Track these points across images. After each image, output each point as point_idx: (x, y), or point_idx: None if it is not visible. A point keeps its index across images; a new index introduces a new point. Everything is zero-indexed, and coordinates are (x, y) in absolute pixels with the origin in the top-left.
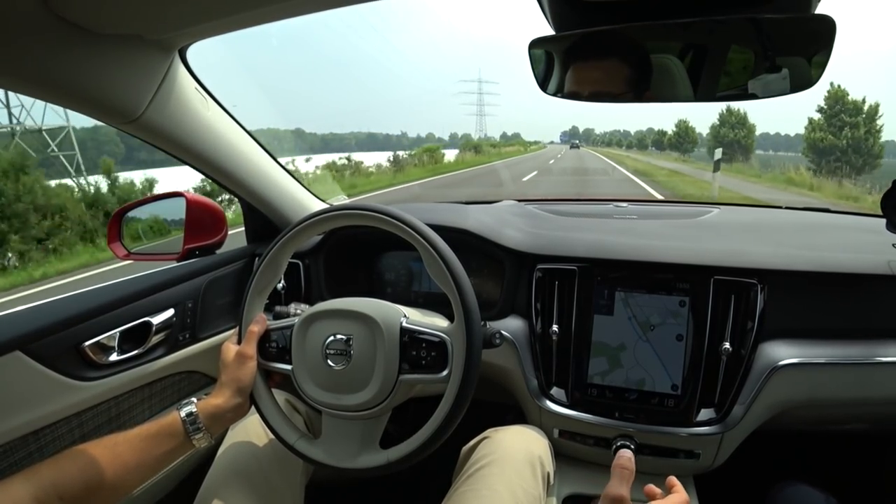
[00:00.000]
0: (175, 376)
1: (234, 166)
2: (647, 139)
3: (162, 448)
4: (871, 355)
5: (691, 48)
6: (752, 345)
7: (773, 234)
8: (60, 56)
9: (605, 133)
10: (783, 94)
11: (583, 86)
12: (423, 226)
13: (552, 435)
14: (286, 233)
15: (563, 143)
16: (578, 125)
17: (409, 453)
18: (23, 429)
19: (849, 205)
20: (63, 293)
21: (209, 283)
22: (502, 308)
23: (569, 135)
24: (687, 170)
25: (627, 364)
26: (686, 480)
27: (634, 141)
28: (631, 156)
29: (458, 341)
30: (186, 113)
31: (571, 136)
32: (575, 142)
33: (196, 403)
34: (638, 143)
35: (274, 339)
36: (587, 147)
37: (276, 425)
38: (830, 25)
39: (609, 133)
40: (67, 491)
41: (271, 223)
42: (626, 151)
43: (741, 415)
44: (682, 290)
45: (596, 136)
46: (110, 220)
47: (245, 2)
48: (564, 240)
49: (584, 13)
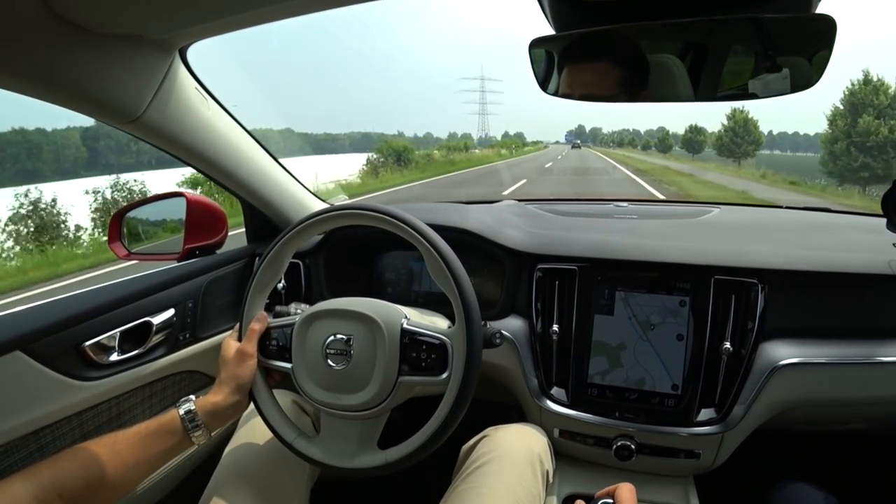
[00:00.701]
0: (175, 376)
1: (234, 166)
2: (668, 139)
3: (161, 446)
4: (872, 355)
5: (692, 48)
6: (753, 344)
7: (774, 233)
8: (61, 56)
9: (614, 132)
10: (784, 94)
11: (574, 88)
12: (424, 226)
13: (552, 434)
14: (288, 231)
15: (567, 142)
16: (585, 124)
17: (408, 454)
18: (23, 428)
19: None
20: None
21: (209, 282)
22: (503, 308)
23: (574, 134)
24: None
25: (627, 363)
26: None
27: (654, 141)
28: (670, 166)
29: (459, 344)
30: (187, 113)
31: (577, 135)
32: (577, 142)
33: (194, 401)
34: (659, 143)
35: (274, 337)
36: (593, 148)
37: (275, 423)
38: (831, 25)
39: (618, 132)
40: (67, 490)
41: (272, 223)
42: (644, 155)
43: (741, 415)
44: (682, 290)
45: (604, 135)
46: (111, 220)
47: (245, 2)
48: (565, 239)
49: (585, 13)
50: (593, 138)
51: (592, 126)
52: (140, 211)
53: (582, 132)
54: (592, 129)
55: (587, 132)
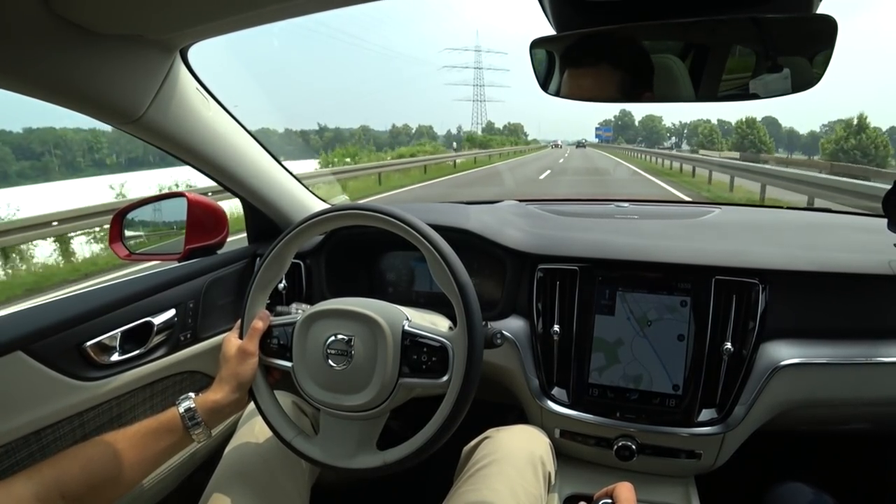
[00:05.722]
0: (176, 376)
1: (235, 166)
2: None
3: (161, 443)
4: (873, 355)
5: (692, 48)
6: (754, 345)
7: (775, 233)
8: (61, 56)
9: (682, 125)
10: (785, 94)
11: (575, 88)
12: (426, 227)
13: (553, 435)
14: (289, 231)
15: (598, 140)
16: (612, 118)
17: (406, 456)
18: (24, 429)
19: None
20: None
21: (210, 283)
22: (503, 308)
23: (609, 127)
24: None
25: (625, 359)
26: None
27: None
28: None
29: (460, 347)
30: (188, 113)
31: (623, 128)
32: (581, 141)
33: (194, 398)
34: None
35: (276, 335)
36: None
37: (274, 422)
38: (832, 25)
39: (689, 125)
40: (69, 489)
41: (273, 223)
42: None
43: (743, 415)
44: (683, 290)
45: (662, 128)
46: (112, 221)
47: (246, 2)
48: (566, 240)
49: (586, 13)
50: (649, 133)
51: (646, 114)
52: (141, 211)
53: (626, 122)
54: (646, 117)
55: (636, 123)
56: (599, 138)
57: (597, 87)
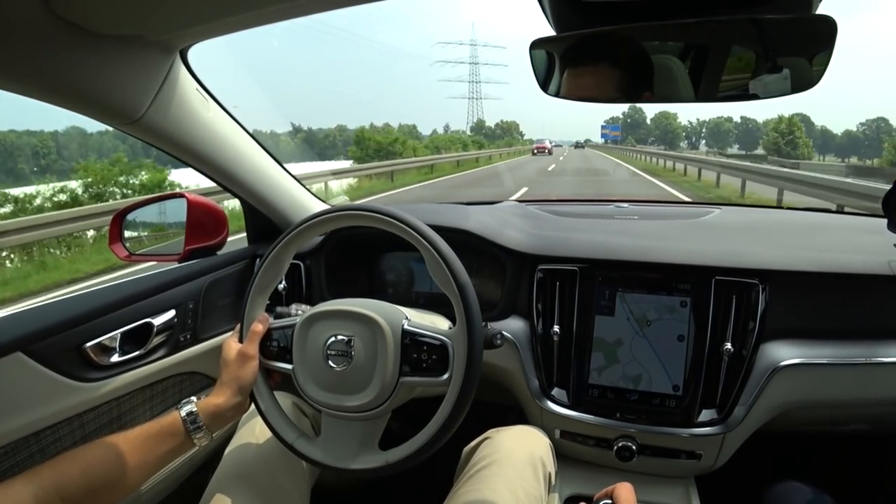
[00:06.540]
0: (176, 377)
1: (235, 167)
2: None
3: (163, 447)
4: (873, 356)
5: (692, 48)
6: (754, 345)
7: (774, 234)
8: (61, 57)
9: (701, 123)
10: (784, 95)
11: (575, 89)
12: (426, 227)
13: (553, 435)
14: (289, 232)
15: (603, 140)
16: (620, 116)
17: (408, 455)
18: (24, 430)
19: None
20: None
21: (210, 283)
22: (503, 309)
23: (618, 125)
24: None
25: (624, 360)
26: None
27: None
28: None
29: (460, 344)
30: (187, 114)
31: (634, 126)
32: (580, 141)
33: (196, 402)
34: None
35: (275, 338)
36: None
37: (276, 424)
38: (831, 26)
39: (711, 122)
40: (69, 492)
41: (272, 224)
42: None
43: (743, 415)
44: (683, 291)
45: (678, 126)
46: (111, 222)
47: (246, 3)
48: (565, 240)
49: (586, 14)
50: (664, 133)
51: (659, 109)
52: (141, 212)
53: (637, 120)
54: (659, 114)
55: (647, 122)
56: (606, 138)
57: (597, 88)
